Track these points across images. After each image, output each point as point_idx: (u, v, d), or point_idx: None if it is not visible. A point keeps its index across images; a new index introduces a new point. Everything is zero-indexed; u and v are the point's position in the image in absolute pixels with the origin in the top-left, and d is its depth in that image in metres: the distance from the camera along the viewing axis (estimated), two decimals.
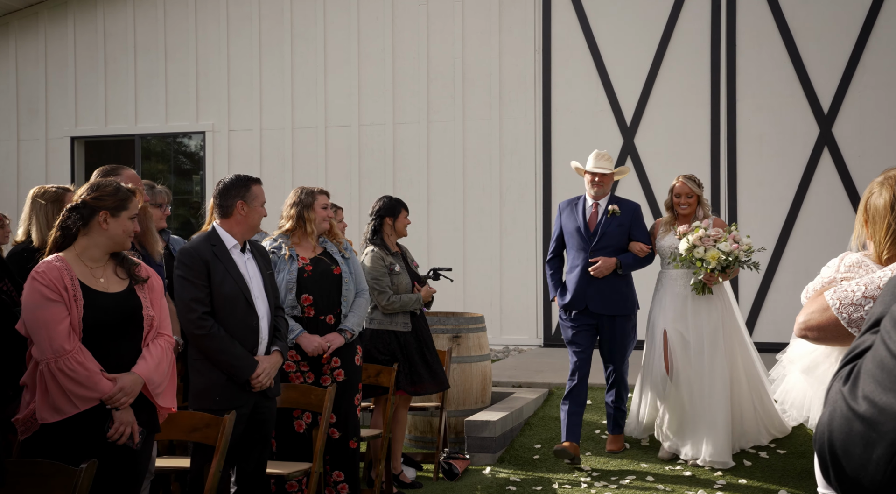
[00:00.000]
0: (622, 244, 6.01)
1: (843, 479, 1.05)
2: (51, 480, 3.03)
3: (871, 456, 1.01)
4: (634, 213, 6.08)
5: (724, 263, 5.61)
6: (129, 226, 3.31)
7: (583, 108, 9.56)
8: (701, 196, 6.02)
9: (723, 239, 5.66)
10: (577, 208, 6.11)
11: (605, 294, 5.96)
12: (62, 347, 3.12)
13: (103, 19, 10.45)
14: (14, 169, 10.45)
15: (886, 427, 0.99)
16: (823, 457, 1.06)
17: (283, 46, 10.16)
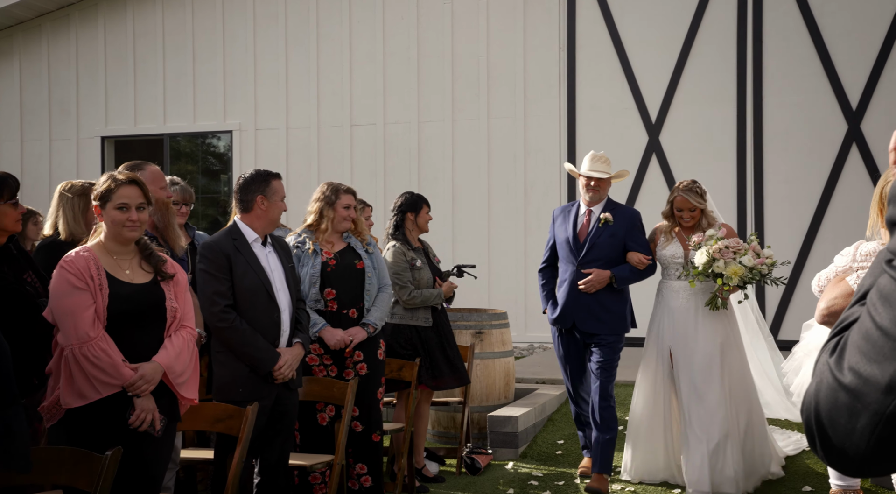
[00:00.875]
0: (615, 256, 5.44)
1: (830, 449, 1.07)
2: (77, 466, 3.10)
3: (855, 426, 1.02)
4: (631, 221, 5.49)
5: (746, 278, 5.08)
6: (119, 216, 3.35)
7: (607, 105, 9.55)
8: (706, 208, 5.44)
9: (743, 251, 5.12)
10: (570, 215, 5.56)
11: (595, 312, 5.43)
12: (87, 333, 3.19)
13: (132, 20, 10.60)
14: (46, 168, 10.62)
15: (870, 398, 1.01)
16: (810, 428, 1.09)
17: (309, 46, 10.24)
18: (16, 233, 3.73)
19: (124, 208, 3.38)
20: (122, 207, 3.38)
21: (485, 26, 9.85)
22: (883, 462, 1.02)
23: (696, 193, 5.41)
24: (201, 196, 10.88)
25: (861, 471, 1.07)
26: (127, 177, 3.46)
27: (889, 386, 1.00)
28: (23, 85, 10.81)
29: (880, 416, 1.01)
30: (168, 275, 3.44)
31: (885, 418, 1.00)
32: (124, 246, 3.42)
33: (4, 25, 10.70)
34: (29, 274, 3.69)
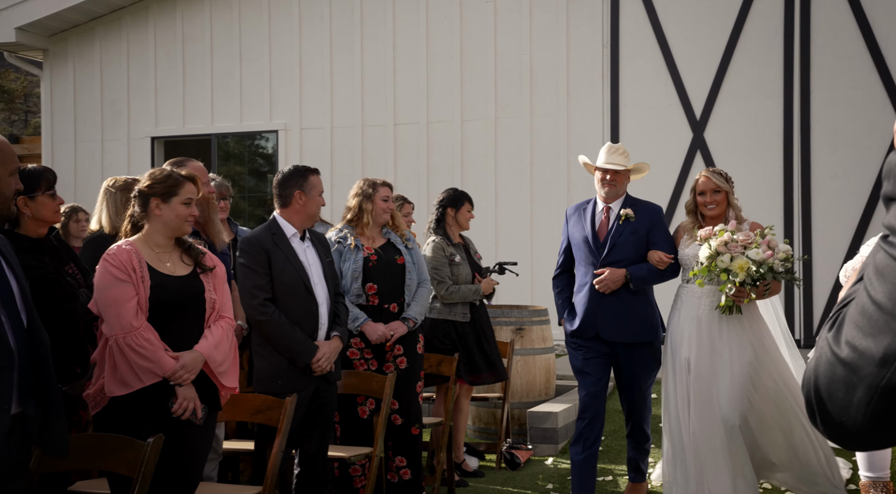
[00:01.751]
0: (639, 256, 4.93)
1: (829, 422, 1.09)
2: (121, 453, 3.20)
3: (852, 399, 1.05)
4: (653, 216, 4.98)
5: (754, 275, 4.47)
6: (183, 211, 3.47)
7: (651, 102, 9.48)
8: (731, 194, 4.88)
9: (754, 244, 4.51)
10: (586, 213, 5.01)
11: (620, 317, 4.89)
12: (130, 324, 3.30)
13: (182, 23, 10.81)
14: (98, 168, 10.88)
15: (865, 371, 1.03)
16: (810, 402, 1.11)
17: (353, 45, 10.34)
18: (55, 225, 3.85)
19: (189, 203, 3.49)
20: (188, 202, 3.49)
21: (528, 24, 9.85)
22: (880, 434, 1.05)
23: (720, 175, 4.90)
24: (248, 195, 11.05)
25: (860, 444, 1.09)
26: (187, 172, 3.56)
27: (883, 359, 1.03)
28: (76, 87, 11.09)
29: (875, 389, 1.03)
30: (207, 267, 3.53)
31: (880, 390, 1.03)
32: (170, 240, 3.52)
33: (59, 29, 10.99)
34: (70, 266, 3.82)
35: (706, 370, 4.73)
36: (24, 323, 2.65)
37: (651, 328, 4.98)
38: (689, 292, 4.87)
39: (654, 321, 5.01)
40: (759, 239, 4.57)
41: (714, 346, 4.74)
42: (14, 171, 2.65)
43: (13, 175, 2.65)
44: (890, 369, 1.02)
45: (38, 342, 2.69)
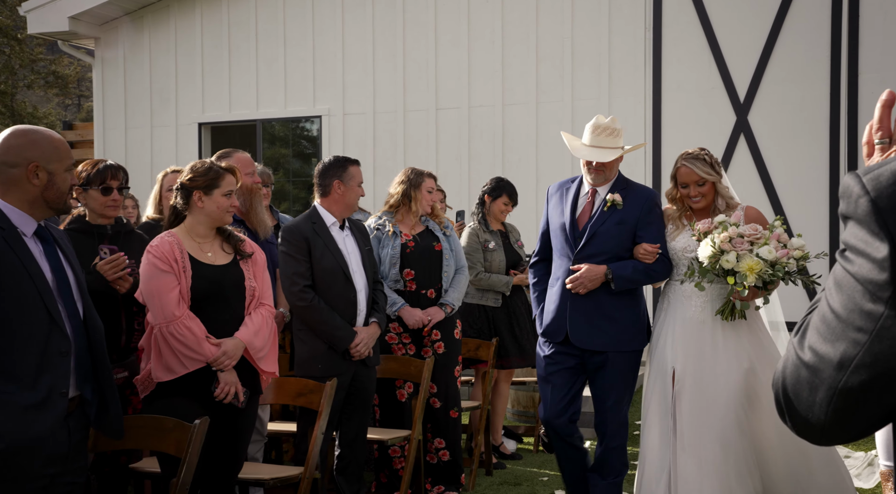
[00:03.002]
0: (622, 250, 4.21)
1: (796, 419, 1.20)
2: (169, 434, 3.36)
3: (815, 400, 1.15)
4: (647, 204, 4.24)
5: (767, 276, 3.83)
6: (224, 202, 3.61)
7: (694, 85, 9.42)
8: (719, 182, 4.17)
9: (763, 240, 3.87)
10: (568, 195, 4.30)
11: (594, 320, 4.19)
12: (173, 313, 3.46)
13: (228, 10, 10.97)
14: (148, 153, 11.14)
15: (825, 374, 1.13)
16: (779, 400, 1.22)
17: (395, 30, 10.42)
18: (126, 219, 4.06)
19: (229, 195, 3.64)
20: (228, 193, 3.64)
21: (570, 8, 9.83)
22: (843, 431, 1.16)
23: (704, 161, 4.15)
24: (293, 179, 11.23)
25: (824, 440, 1.20)
26: (227, 165, 3.71)
27: (840, 363, 1.12)
28: (127, 75, 11.34)
29: (834, 390, 1.13)
30: (247, 254, 3.67)
31: (839, 392, 1.13)
32: (211, 230, 3.67)
33: (110, 18, 11.23)
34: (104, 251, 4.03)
35: (695, 383, 4.05)
36: (80, 313, 2.81)
37: (634, 335, 4.25)
38: (677, 291, 4.19)
39: (639, 327, 4.29)
40: (768, 233, 3.94)
41: (704, 354, 4.08)
42: (69, 167, 2.80)
43: (69, 171, 2.80)
44: (846, 372, 1.12)
45: (94, 330, 2.85)
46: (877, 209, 1.07)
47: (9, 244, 2.63)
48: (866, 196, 1.09)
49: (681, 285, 4.17)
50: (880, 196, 1.08)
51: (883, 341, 1.08)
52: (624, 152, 4.23)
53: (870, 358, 1.10)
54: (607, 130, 4.17)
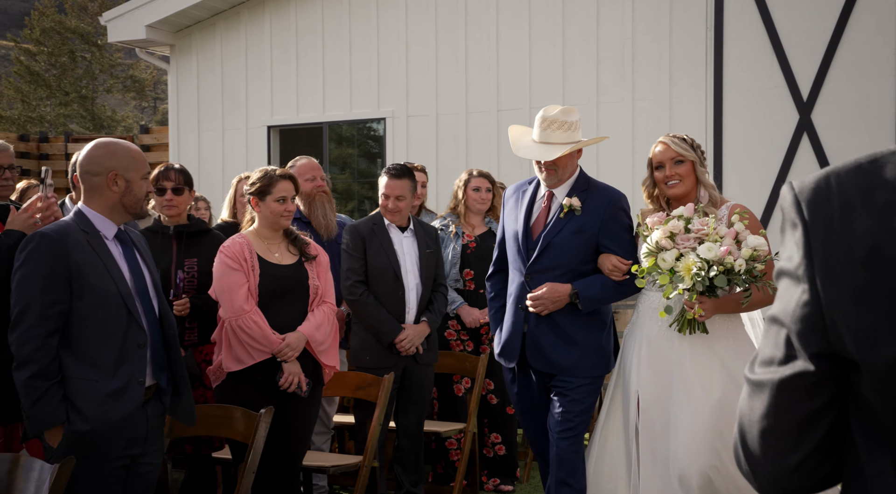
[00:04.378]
0: (581, 263, 3.69)
1: (748, 457, 1.29)
2: (238, 422, 3.62)
3: (759, 415, 1.25)
4: (610, 207, 3.71)
5: (703, 281, 3.22)
6: (277, 208, 3.85)
7: (755, 84, 9.39)
8: (698, 165, 3.58)
9: (711, 235, 3.26)
10: (524, 198, 3.80)
11: (552, 343, 3.70)
12: (241, 308, 3.73)
13: (296, 16, 11.32)
14: (219, 156, 11.56)
15: (766, 377, 1.24)
16: (735, 443, 1.31)
17: (457, 33, 10.61)
18: (200, 219, 4.38)
19: (282, 201, 3.88)
20: (282, 199, 3.88)
21: (630, 8, 9.89)
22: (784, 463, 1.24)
23: (683, 140, 3.61)
24: (359, 180, 11.52)
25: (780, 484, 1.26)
26: (282, 172, 3.96)
27: (776, 359, 1.23)
28: (199, 80, 11.78)
29: (773, 385, 1.23)
30: (311, 256, 3.93)
31: (776, 386, 1.23)
32: (276, 232, 3.93)
33: (184, 26, 11.68)
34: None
35: (658, 409, 3.47)
36: (156, 309, 3.07)
37: (598, 358, 3.75)
38: (646, 302, 3.62)
39: (602, 350, 3.77)
40: (723, 229, 3.31)
41: (670, 375, 3.47)
42: (145, 175, 3.07)
43: (144, 179, 3.07)
44: (780, 365, 1.22)
45: (167, 325, 3.12)
46: (796, 200, 1.21)
47: (92, 247, 2.91)
48: (791, 193, 1.23)
49: (651, 295, 3.55)
50: (801, 191, 1.22)
51: (805, 317, 1.19)
52: (575, 148, 3.63)
53: (797, 342, 1.20)
54: (556, 123, 3.63)
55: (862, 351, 1.16)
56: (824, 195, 1.20)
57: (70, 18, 30.70)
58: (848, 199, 1.17)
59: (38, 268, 2.79)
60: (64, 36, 30.32)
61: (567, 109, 3.70)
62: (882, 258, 1.13)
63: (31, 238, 2.86)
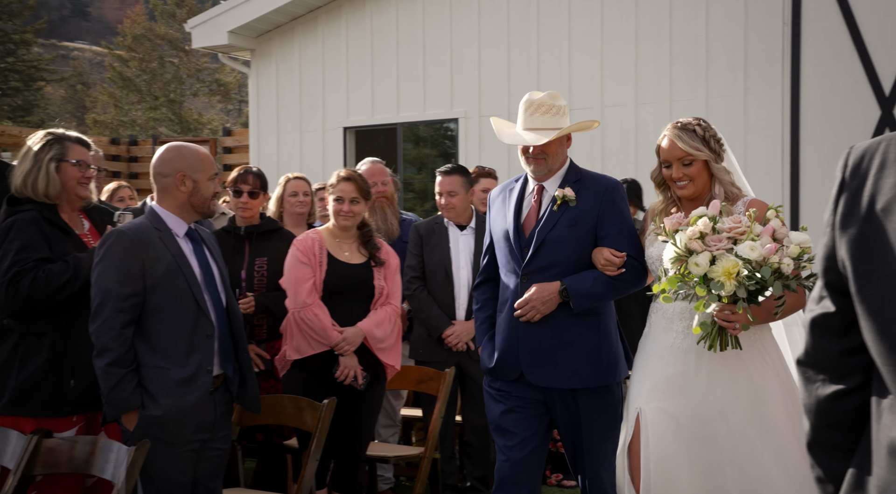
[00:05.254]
0: (583, 258, 3.35)
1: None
2: (303, 412, 3.79)
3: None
4: (607, 196, 3.37)
5: (751, 285, 2.81)
6: (335, 207, 4.04)
7: (835, 80, 9.18)
8: (712, 162, 3.17)
9: (748, 234, 2.86)
10: (512, 196, 3.48)
11: (553, 351, 3.33)
12: (304, 301, 3.91)
13: (371, 19, 11.55)
14: (297, 157, 11.88)
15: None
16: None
17: (529, 33, 10.67)
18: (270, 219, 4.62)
19: (340, 201, 4.04)
20: (339, 199, 4.04)
21: (704, 5, 9.79)
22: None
23: (693, 133, 3.20)
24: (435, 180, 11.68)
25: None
26: (345, 174, 4.11)
27: (816, 299, 1.46)
28: (278, 83, 12.12)
29: (808, 322, 1.46)
30: (379, 261, 4.07)
31: (810, 321, 1.46)
32: (345, 231, 4.09)
33: (264, 31, 12.04)
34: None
35: (669, 425, 3.08)
36: (223, 302, 3.26)
37: (606, 366, 3.36)
38: (660, 312, 3.23)
39: (612, 356, 3.39)
40: (758, 227, 2.91)
41: (693, 397, 3.07)
42: (212, 176, 3.25)
43: (211, 180, 3.25)
44: (817, 305, 1.45)
45: (234, 318, 3.31)
46: (845, 162, 1.43)
47: (165, 244, 3.11)
48: (845, 155, 1.45)
49: (661, 305, 3.17)
50: (852, 153, 1.43)
51: (825, 258, 1.42)
52: (565, 132, 3.35)
53: (822, 283, 1.44)
54: (543, 108, 3.35)
55: (857, 292, 1.34)
56: (869, 156, 1.38)
57: (159, 25, 31.84)
58: (885, 159, 1.34)
59: (114, 263, 3.00)
60: (154, 42, 31.46)
61: (553, 94, 3.40)
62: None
63: (109, 235, 3.08)
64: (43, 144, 3.36)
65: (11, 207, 3.34)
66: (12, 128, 13.73)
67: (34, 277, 3.13)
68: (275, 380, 4.37)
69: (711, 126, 3.26)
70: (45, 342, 3.26)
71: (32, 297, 3.14)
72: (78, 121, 38.16)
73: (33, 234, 3.23)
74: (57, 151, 3.35)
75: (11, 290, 3.15)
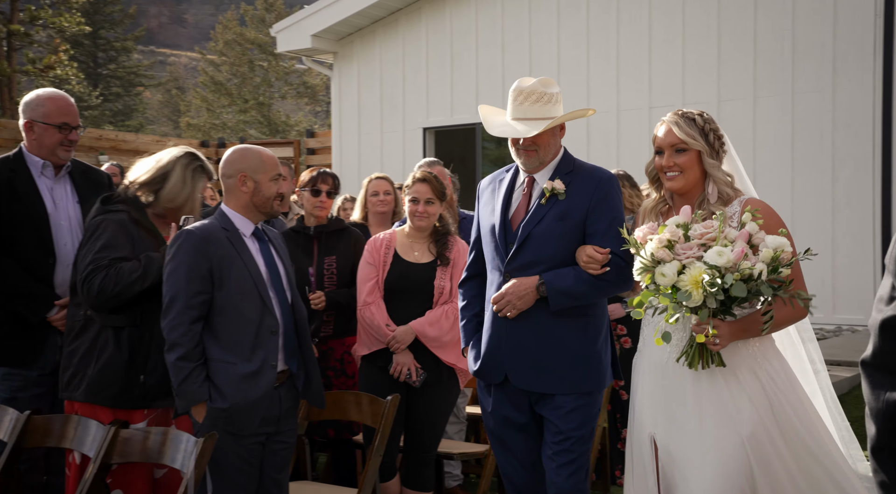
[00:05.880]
0: (570, 256, 3.11)
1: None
2: (367, 408, 3.87)
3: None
4: (599, 188, 3.13)
5: (716, 292, 2.57)
6: (410, 208, 4.11)
7: None
8: (706, 156, 2.90)
9: (718, 239, 2.64)
10: (501, 187, 3.28)
11: (536, 351, 3.15)
12: (365, 299, 4.02)
13: (451, 21, 11.63)
14: (378, 157, 12.06)
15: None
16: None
17: (608, 32, 10.58)
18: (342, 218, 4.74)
19: (415, 201, 4.10)
20: (413, 200, 4.11)
21: None
22: None
23: (693, 122, 2.95)
24: None
25: None
26: (420, 175, 4.17)
27: (886, 299, 1.41)
28: (360, 85, 12.33)
29: (877, 323, 1.41)
30: (445, 260, 4.11)
31: (880, 323, 1.41)
32: (420, 231, 4.15)
33: (346, 34, 12.26)
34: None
35: (677, 455, 2.81)
36: (289, 299, 3.37)
37: (589, 371, 3.14)
38: (652, 325, 2.94)
39: (599, 362, 3.18)
40: (733, 231, 2.68)
41: (683, 416, 2.81)
42: (274, 177, 3.36)
43: (273, 181, 3.36)
44: (889, 306, 1.40)
45: (299, 315, 3.41)
46: None
47: (232, 243, 3.23)
48: None
49: (652, 317, 2.88)
50: None
51: None
52: (557, 122, 3.13)
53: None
54: (534, 96, 3.11)
55: None
56: None
57: (249, 30, 32.74)
58: None
59: (183, 262, 3.14)
60: (244, 47, 32.38)
61: (545, 80, 3.15)
62: None
63: (179, 236, 3.22)
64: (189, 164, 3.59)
65: (103, 206, 3.52)
66: (109, 132, 14.33)
67: (105, 274, 3.31)
68: (346, 377, 4.47)
69: (715, 122, 3.02)
70: (123, 336, 3.43)
71: (103, 293, 3.31)
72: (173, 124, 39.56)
73: (118, 234, 3.40)
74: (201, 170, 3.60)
75: (86, 286, 3.33)
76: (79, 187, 3.94)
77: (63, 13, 26.46)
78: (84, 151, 11.83)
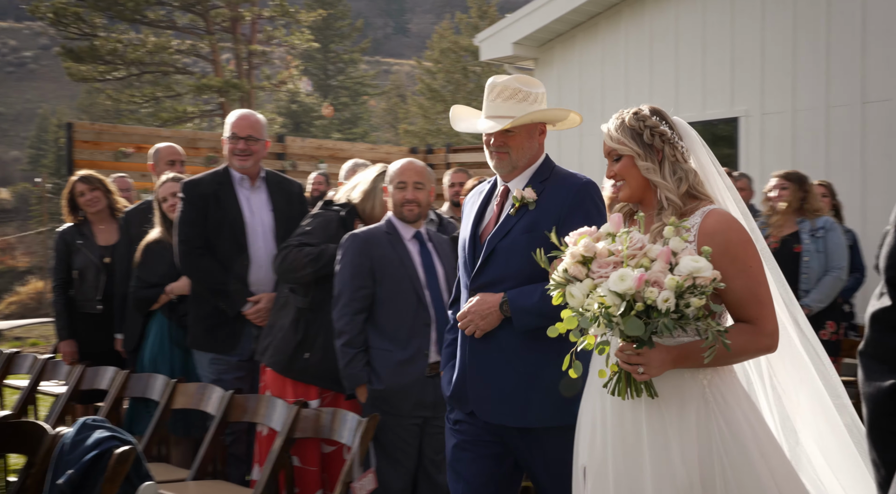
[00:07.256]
0: (536, 271, 2.63)
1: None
2: None
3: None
4: (574, 197, 2.85)
5: (611, 319, 2.26)
6: None
7: None
8: (639, 160, 2.58)
9: (637, 257, 2.32)
10: (479, 200, 3.05)
11: (500, 379, 2.83)
12: None
13: (650, 22, 11.58)
14: (577, 161, 12.22)
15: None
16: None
17: (817, 25, 10.11)
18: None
19: None
20: None
21: None
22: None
23: (621, 123, 2.76)
24: None
25: None
26: None
27: (878, 295, 1.56)
28: (560, 89, 12.55)
29: (869, 315, 1.56)
30: None
31: (871, 315, 1.55)
32: None
33: (546, 40, 12.53)
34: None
35: (614, 485, 2.43)
36: (444, 298, 3.71)
37: (568, 400, 2.72)
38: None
39: (570, 386, 2.72)
40: (656, 248, 2.33)
41: (622, 448, 2.42)
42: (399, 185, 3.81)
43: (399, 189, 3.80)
44: (879, 300, 1.56)
45: None
46: None
47: (392, 245, 3.63)
48: None
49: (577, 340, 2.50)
50: None
51: (887, 256, 1.57)
52: (529, 119, 2.84)
53: (884, 279, 1.56)
54: (507, 92, 2.86)
55: None
56: None
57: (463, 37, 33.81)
58: None
59: (348, 261, 3.60)
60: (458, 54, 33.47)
61: (522, 77, 2.91)
62: None
63: (347, 238, 3.69)
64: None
65: (325, 205, 4.19)
66: (328, 141, 15.50)
67: (288, 253, 3.89)
68: None
69: (663, 118, 2.70)
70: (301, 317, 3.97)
71: (282, 265, 3.91)
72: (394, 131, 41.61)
73: (318, 227, 3.97)
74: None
75: (277, 258, 3.94)
76: (273, 196, 4.51)
77: (295, 32, 28.64)
78: (306, 159, 12.92)
